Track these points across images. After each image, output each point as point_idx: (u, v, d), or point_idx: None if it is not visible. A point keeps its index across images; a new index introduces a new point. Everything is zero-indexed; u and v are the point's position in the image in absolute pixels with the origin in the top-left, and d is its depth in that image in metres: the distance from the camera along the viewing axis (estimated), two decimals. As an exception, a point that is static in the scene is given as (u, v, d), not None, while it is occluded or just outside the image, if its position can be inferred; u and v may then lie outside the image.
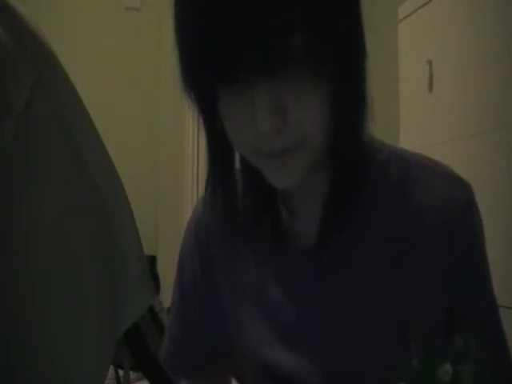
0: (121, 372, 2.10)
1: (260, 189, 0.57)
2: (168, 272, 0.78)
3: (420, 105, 1.83)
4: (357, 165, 0.55)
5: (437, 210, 0.55)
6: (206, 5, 0.44)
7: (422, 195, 0.56)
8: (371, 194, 0.56)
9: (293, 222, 0.59)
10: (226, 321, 0.64)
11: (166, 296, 0.71)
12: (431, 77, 1.75)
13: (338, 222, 0.55)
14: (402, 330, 0.50)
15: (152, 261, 3.16)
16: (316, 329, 0.57)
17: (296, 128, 0.48)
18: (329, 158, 0.54)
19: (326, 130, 0.49)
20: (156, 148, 3.50)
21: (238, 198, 0.58)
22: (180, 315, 0.68)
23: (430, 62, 1.75)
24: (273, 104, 0.46)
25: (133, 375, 2.21)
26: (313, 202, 0.57)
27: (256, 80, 0.46)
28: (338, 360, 0.55)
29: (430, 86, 1.76)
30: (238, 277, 0.63)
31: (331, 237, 0.56)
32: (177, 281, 0.69)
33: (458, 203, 0.55)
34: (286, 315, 0.58)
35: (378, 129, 0.60)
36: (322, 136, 0.50)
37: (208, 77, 0.47)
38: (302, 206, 0.59)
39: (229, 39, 0.44)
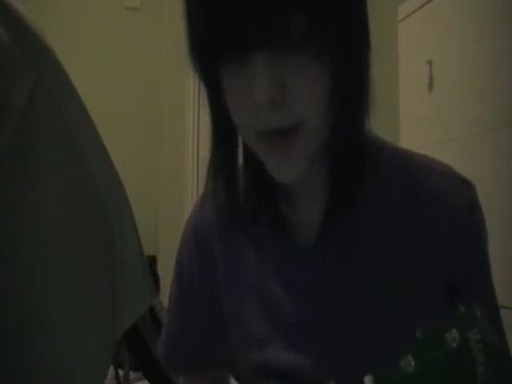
0: (121, 372, 2.10)
1: (261, 182, 0.57)
2: (168, 272, 0.78)
3: (420, 105, 1.83)
4: (357, 155, 0.54)
5: (439, 209, 0.55)
6: None
7: (423, 194, 0.56)
8: (371, 192, 0.56)
9: (293, 217, 0.59)
10: (224, 318, 0.64)
11: (166, 296, 0.71)
12: (431, 77, 1.75)
13: (340, 218, 0.55)
14: (403, 328, 0.50)
15: (152, 261, 3.16)
16: (316, 326, 0.57)
17: (294, 105, 0.47)
18: (328, 152, 0.54)
19: (324, 115, 0.49)
20: (156, 148, 3.50)
21: (238, 188, 0.58)
22: (178, 312, 0.68)
23: (430, 62, 1.75)
24: (271, 76, 0.46)
25: (133, 375, 2.20)
26: (314, 198, 0.57)
27: (257, 54, 0.46)
28: (339, 358, 0.55)
29: (430, 86, 1.76)
30: (237, 274, 0.63)
31: (332, 234, 0.56)
32: (175, 278, 0.69)
33: (461, 202, 0.55)
34: (286, 313, 0.58)
35: (378, 129, 0.60)
36: (321, 121, 0.49)
37: (210, 46, 0.48)
38: (302, 201, 0.59)
39: (230, 11, 0.44)
